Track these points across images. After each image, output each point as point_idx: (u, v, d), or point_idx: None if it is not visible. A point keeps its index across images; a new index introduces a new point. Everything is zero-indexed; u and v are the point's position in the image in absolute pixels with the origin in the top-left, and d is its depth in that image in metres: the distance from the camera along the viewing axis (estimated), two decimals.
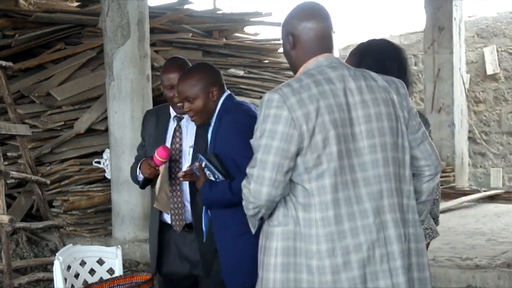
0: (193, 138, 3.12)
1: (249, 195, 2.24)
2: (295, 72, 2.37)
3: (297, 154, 2.18)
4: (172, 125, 3.19)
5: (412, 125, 2.33)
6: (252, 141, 2.26)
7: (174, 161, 3.13)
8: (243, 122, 2.86)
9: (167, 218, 3.19)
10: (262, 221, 2.34)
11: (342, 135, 2.18)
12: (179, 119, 3.18)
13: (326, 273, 2.16)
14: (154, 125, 3.23)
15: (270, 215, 2.28)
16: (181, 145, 3.15)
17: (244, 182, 2.26)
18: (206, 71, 3.02)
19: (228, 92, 3.05)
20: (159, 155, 3.01)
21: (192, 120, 3.01)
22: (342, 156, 2.18)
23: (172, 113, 3.20)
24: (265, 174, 2.18)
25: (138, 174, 3.18)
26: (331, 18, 2.37)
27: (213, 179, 2.85)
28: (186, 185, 3.12)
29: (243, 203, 2.30)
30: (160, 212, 3.18)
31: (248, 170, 2.24)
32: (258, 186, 2.20)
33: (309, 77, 2.24)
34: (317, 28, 2.31)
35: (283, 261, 2.22)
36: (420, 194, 2.40)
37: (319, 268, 2.17)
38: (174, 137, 3.16)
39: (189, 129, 3.15)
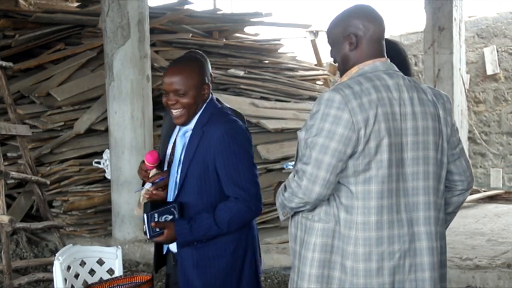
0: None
1: (298, 190, 2.25)
2: (345, 71, 2.37)
3: (350, 157, 2.21)
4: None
5: (453, 141, 2.40)
6: (303, 134, 2.27)
7: (168, 169, 2.93)
8: (236, 131, 2.75)
9: None
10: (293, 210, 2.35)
11: (394, 144, 2.23)
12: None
13: (359, 276, 2.22)
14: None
15: (310, 209, 2.31)
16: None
17: (294, 177, 2.27)
18: (201, 63, 2.86)
19: (212, 95, 2.88)
20: (147, 160, 2.87)
21: (175, 118, 2.79)
22: (392, 165, 2.22)
23: None
24: (320, 173, 2.21)
25: (143, 186, 3.02)
26: (385, 24, 2.39)
27: (170, 217, 2.74)
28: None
29: (286, 194, 2.29)
30: None
31: (300, 166, 2.25)
32: (310, 185, 2.22)
33: (368, 81, 2.26)
34: (377, 31, 2.34)
35: (320, 257, 2.27)
36: (448, 206, 2.50)
37: (353, 270, 2.23)
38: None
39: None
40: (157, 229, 2.74)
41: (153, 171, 2.89)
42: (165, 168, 2.92)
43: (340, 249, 2.25)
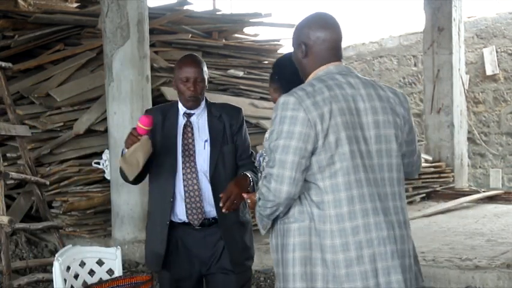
0: (207, 131, 3.19)
1: (268, 194, 2.33)
2: (305, 78, 2.49)
3: (312, 154, 2.30)
4: (181, 121, 3.21)
5: (410, 139, 2.49)
6: (267, 143, 2.38)
7: (187, 155, 3.13)
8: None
9: (180, 216, 3.15)
10: (273, 221, 2.44)
11: (354, 137, 2.31)
12: (189, 116, 3.20)
13: (340, 267, 2.27)
14: (160, 122, 3.19)
15: (285, 213, 2.38)
16: (193, 140, 3.16)
17: (263, 182, 2.36)
18: None
19: None
20: (141, 123, 2.96)
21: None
22: (355, 156, 2.30)
23: (181, 109, 3.22)
24: (285, 173, 2.29)
25: (123, 151, 3.07)
26: (341, 30, 2.49)
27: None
28: (204, 183, 3.13)
29: (260, 203, 2.40)
30: (170, 212, 3.14)
31: (267, 170, 2.34)
32: (278, 185, 2.30)
33: (320, 82, 2.37)
34: (329, 39, 2.44)
35: (300, 256, 2.33)
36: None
37: (334, 262, 2.28)
38: (184, 132, 3.17)
39: (200, 124, 3.19)
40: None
41: (145, 137, 2.96)
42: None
43: (319, 244, 2.30)
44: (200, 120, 3.20)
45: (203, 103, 3.24)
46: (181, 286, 3.22)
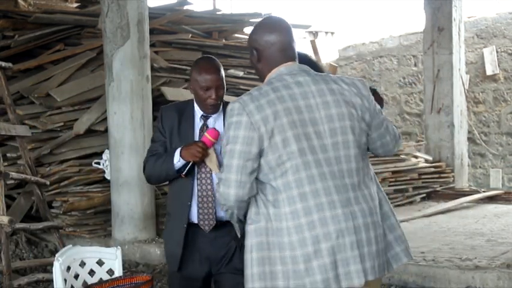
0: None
1: (220, 197, 2.45)
2: (261, 81, 2.58)
3: (260, 156, 2.38)
4: (198, 123, 3.20)
5: (376, 124, 2.54)
6: (222, 149, 2.47)
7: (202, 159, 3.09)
8: None
9: (193, 218, 3.16)
10: (241, 224, 2.54)
11: (303, 135, 2.37)
12: (206, 118, 3.19)
13: (299, 263, 2.33)
14: (176, 121, 3.19)
15: (246, 215, 2.46)
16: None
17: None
18: None
19: None
20: (211, 136, 3.02)
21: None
22: (305, 153, 2.36)
23: (198, 111, 3.21)
24: (231, 176, 2.38)
25: (177, 161, 3.08)
26: (291, 30, 2.56)
27: None
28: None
29: (221, 205, 2.51)
30: (188, 212, 3.15)
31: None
32: (226, 189, 2.40)
33: (268, 84, 2.45)
34: (277, 41, 2.50)
35: (257, 256, 2.39)
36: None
37: (292, 258, 2.34)
38: (201, 135, 3.15)
39: (216, 127, 3.15)
40: None
41: (211, 149, 3.03)
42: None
43: (277, 243, 2.36)
44: (217, 122, 3.18)
45: (220, 106, 3.21)
46: (190, 286, 3.23)
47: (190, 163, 3.04)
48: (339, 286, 2.33)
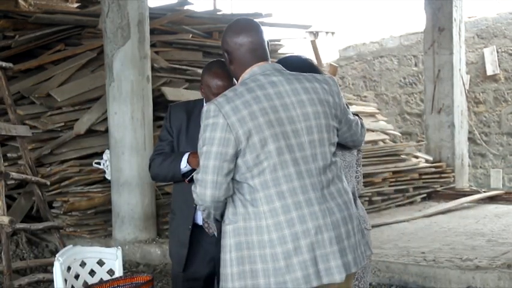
0: None
1: (197, 198, 2.46)
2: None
3: (237, 156, 2.40)
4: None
5: (345, 119, 2.63)
6: (198, 150, 2.48)
7: None
8: None
9: (197, 220, 3.17)
10: (219, 223, 2.55)
11: (281, 134, 2.40)
12: None
13: (279, 260, 2.35)
14: (185, 120, 3.19)
15: (223, 215, 2.48)
16: None
17: (192, 188, 2.47)
18: None
19: None
20: None
21: None
22: (283, 152, 2.39)
23: None
24: (208, 177, 2.40)
25: (184, 167, 3.10)
26: (262, 31, 2.59)
27: None
28: None
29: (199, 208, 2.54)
30: (193, 214, 3.16)
31: (195, 176, 2.47)
32: (202, 189, 2.42)
33: (243, 85, 2.47)
34: (246, 42, 2.52)
35: (237, 256, 2.40)
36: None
37: (273, 256, 2.36)
38: None
39: None
40: None
41: None
42: None
43: (256, 242, 2.38)
44: None
45: None
46: (193, 286, 3.23)
47: (196, 170, 3.04)
48: (320, 282, 2.37)
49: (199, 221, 3.17)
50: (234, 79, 2.63)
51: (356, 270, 2.49)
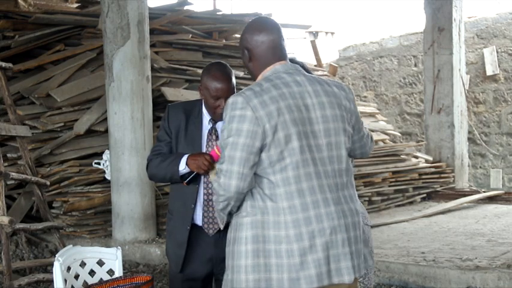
0: None
1: (219, 188, 2.47)
2: (254, 80, 2.63)
3: (261, 150, 2.42)
4: (206, 126, 3.18)
5: (358, 127, 2.67)
6: (219, 141, 2.50)
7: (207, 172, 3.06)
8: None
9: (197, 221, 3.17)
10: (230, 216, 2.56)
11: (303, 133, 2.44)
12: (214, 122, 3.18)
13: (295, 256, 2.39)
14: (184, 121, 3.19)
15: (238, 208, 2.50)
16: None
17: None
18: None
19: None
20: (219, 150, 2.95)
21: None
22: (304, 151, 2.43)
23: (206, 115, 3.19)
24: (234, 168, 2.42)
25: (182, 168, 3.08)
26: (281, 30, 2.63)
27: None
28: None
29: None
30: (192, 214, 3.16)
31: (218, 166, 2.49)
32: (227, 180, 2.43)
33: (268, 81, 2.50)
34: (267, 40, 2.56)
35: (253, 248, 2.43)
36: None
37: (288, 251, 2.39)
38: (209, 139, 3.15)
39: None
40: None
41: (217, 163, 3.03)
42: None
43: (272, 236, 2.41)
44: None
45: None
46: (191, 286, 3.23)
47: (195, 173, 3.05)
48: (330, 282, 2.41)
49: (198, 221, 3.16)
50: (252, 77, 2.64)
51: (358, 276, 2.51)
